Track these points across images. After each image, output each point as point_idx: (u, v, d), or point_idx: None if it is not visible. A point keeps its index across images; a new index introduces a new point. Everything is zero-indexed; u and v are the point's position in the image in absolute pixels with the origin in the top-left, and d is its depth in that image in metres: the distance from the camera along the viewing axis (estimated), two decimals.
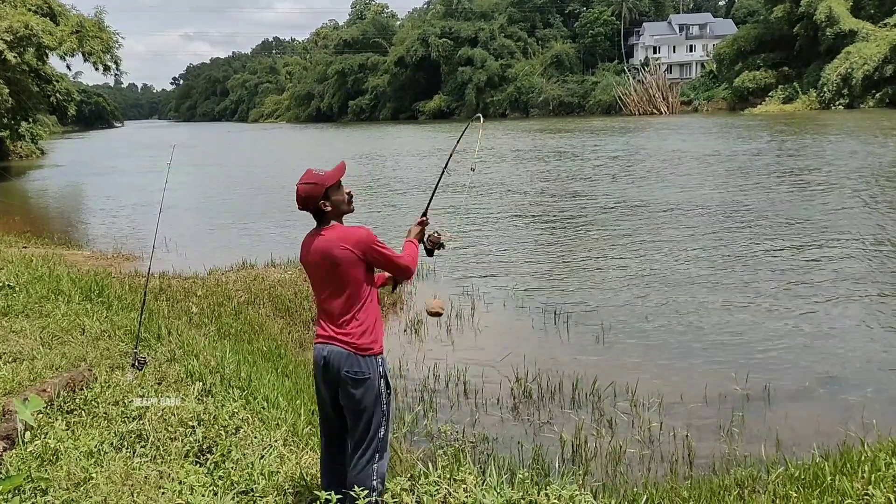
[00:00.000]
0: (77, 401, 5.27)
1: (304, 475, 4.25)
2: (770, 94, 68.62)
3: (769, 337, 8.72)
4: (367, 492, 3.62)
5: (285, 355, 8.11)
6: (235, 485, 4.03)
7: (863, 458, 4.65)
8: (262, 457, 4.37)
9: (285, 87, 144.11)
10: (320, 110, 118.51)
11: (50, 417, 4.86)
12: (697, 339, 8.84)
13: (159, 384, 5.82)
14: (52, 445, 4.36)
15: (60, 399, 5.23)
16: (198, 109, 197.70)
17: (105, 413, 5.01)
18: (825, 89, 62.74)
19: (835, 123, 45.32)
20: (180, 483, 3.98)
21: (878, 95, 59.80)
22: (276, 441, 4.70)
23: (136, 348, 6.32)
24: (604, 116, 76.46)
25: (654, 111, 76.00)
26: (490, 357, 8.42)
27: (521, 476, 4.48)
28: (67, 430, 4.66)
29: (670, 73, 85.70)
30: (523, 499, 4.11)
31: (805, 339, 8.61)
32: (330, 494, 3.64)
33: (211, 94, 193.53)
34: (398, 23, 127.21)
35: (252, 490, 4.02)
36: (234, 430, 4.78)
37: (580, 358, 8.23)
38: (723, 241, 14.26)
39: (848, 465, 4.54)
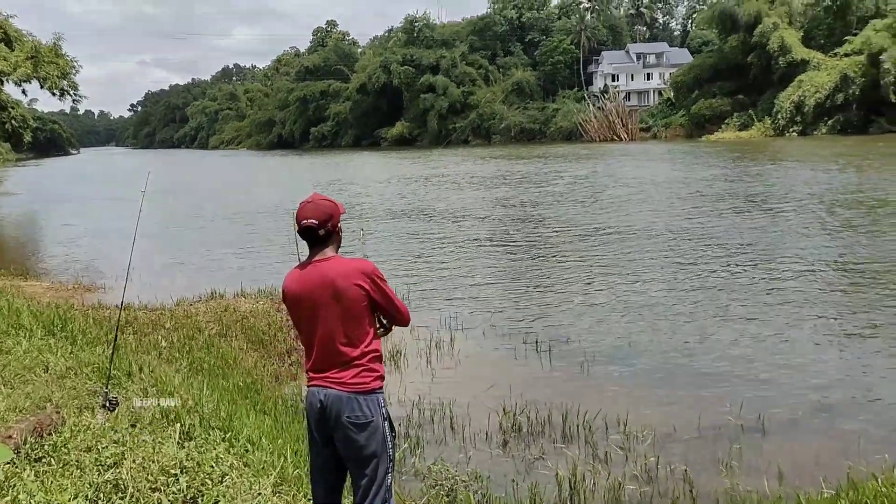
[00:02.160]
0: (46, 447, 4.89)
1: None
2: (726, 121, 69.90)
3: (754, 364, 8.63)
4: None
5: (262, 390, 7.78)
6: None
7: (877, 493, 4.51)
8: None
9: (246, 114, 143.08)
10: (282, 137, 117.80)
11: (17, 467, 4.48)
12: (682, 368, 8.71)
13: (133, 426, 5.46)
14: (22, 501, 4.00)
15: (27, 446, 4.85)
16: (156, 136, 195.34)
17: (77, 461, 4.63)
18: (779, 117, 64.12)
19: (789, 150, 46.28)
20: None
21: (829, 123, 61.29)
22: (265, 489, 4.39)
23: (106, 387, 5.95)
24: (565, 143, 77.22)
25: (615, 137, 76.94)
26: (474, 389, 8.17)
27: None
28: (37, 481, 4.30)
29: (629, 100, 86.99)
30: None
31: (791, 366, 8.52)
32: None
33: (170, 121, 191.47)
34: (360, 50, 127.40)
35: None
36: (219, 478, 4.46)
37: (566, 388, 8.02)
38: (694, 266, 14.25)
39: (865, 501, 4.39)
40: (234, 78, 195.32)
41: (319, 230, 3.48)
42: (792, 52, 65.26)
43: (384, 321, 3.72)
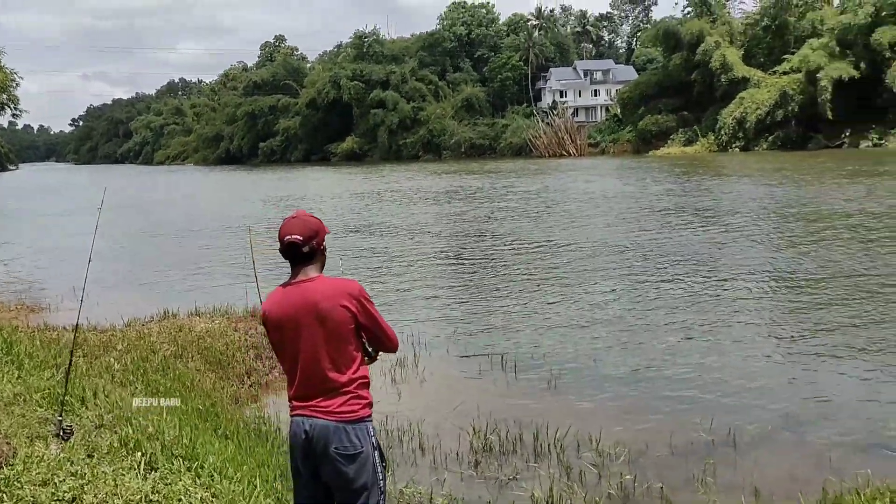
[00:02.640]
0: None
1: None
2: (672, 136, 71.30)
3: (720, 378, 8.65)
4: None
5: (221, 414, 7.49)
6: None
7: None
8: None
9: (193, 129, 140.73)
10: (230, 152, 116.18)
11: None
12: (649, 382, 8.69)
13: (90, 457, 5.16)
14: None
15: None
16: (99, 151, 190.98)
17: (32, 497, 4.35)
18: (722, 133, 65.68)
19: (732, 165, 47.40)
20: None
21: (770, 139, 62.97)
22: None
23: (60, 415, 5.63)
24: (515, 158, 77.82)
25: (564, 153, 77.80)
26: (442, 408, 8.02)
27: None
28: None
29: (577, 116, 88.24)
30: None
31: (754, 380, 8.56)
32: None
33: (113, 136, 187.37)
34: (309, 65, 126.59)
35: None
36: None
37: (535, 406, 7.91)
38: (652, 280, 14.35)
39: None
40: (179, 92, 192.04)
41: (304, 247, 3.34)
42: (733, 70, 66.96)
43: (369, 349, 3.50)
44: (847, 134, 58.74)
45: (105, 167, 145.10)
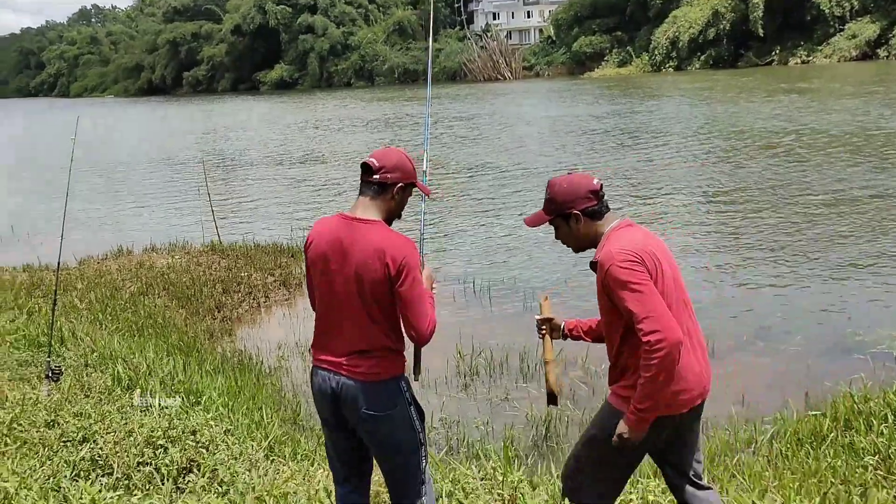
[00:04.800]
0: None
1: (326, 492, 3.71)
2: (606, 58, 71.29)
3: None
4: None
5: (201, 349, 7.38)
6: None
7: (854, 411, 4.72)
8: (264, 475, 3.80)
9: (111, 59, 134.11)
10: (152, 83, 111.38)
11: None
12: None
13: (87, 397, 5.04)
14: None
15: None
16: (10, 85, 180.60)
17: (41, 439, 4.21)
18: (656, 52, 65.96)
19: (666, 86, 47.84)
20: None
21: (702, 58, 63.61)
22: (257, 454, 4.14)
23: (49, 356, 5.44)
24: (450, 83, 76.75)
25: (499, 77, 77.16)
26: None
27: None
28: (3, 464, 3.87)
29: (511, 39, 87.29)
30: None
31: (718, 294, 8.85)
32: None
33: (24, 68, 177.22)
34: None
35: None
36: (206, 445, 4.15)
37: (515, 328, 8.01)
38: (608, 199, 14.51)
39: (848, 419, 4.59)
40: (93, 20, 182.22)
41: (374, 174, 2.99)
42: None
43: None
44: (776, 52, 59.82)
45: (17, 101, 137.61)
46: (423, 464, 3.12)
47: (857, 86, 35.17)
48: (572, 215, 3.03)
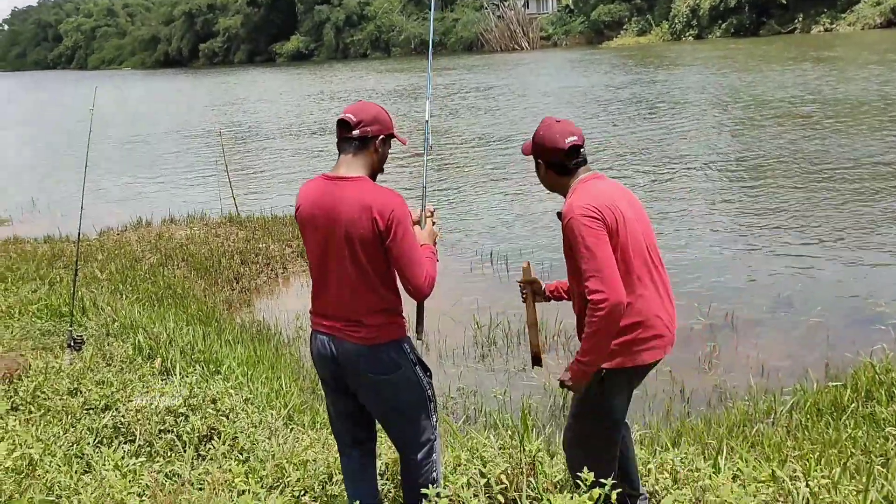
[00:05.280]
0: (20, 394, 4.50)
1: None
2: (625, 27, 70.41)
3: (705, 266, 8.82)
4: (437, 489, 2.92)
5: (220, 319, 7.44)
6: (263, 480, 3.49)
7: (875, 381, 4.68)
8: (284, 443, 3.84)
9: (127, 31, 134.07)
10: (168, 55, 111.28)
11: (2, 419, 4.09)
12: None
13: (109, 365, 5.09)
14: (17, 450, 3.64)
15: (1, 394, 4.45)
16: (28, 58, 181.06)
17: (64, 407, 4.27)
18: (675, 21, 64.97)
19: (685, 54, 47.19)
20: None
21: (723, 26, 62.54)
22: (276, 422, 4.17)
23: (70, 325, 5.50)
24: (466, 54, 76.14)
25: (516, 47, 76.39)
26: (439, 304, 8.00)
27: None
28: (27, 431, 3.93)
29: (528, 8, 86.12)
30: None
31: (736, 264, 8.78)
32: None
33: (42, 40, 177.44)
34: None
35: (287, 485, 3.48)
36: (226, 413, 4.19)
37: None
38: (621, 172, 14.39)
39: (869, 389, 4.56)
40: None
41: (353, 129, 2.91)
42: None
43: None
44: (799, 19, 58.73)
45: (37, 74, 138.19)
46: (434, 420, 3.10)
47: (881, 53, 34.48)
48: (538, 163, 3.10)
